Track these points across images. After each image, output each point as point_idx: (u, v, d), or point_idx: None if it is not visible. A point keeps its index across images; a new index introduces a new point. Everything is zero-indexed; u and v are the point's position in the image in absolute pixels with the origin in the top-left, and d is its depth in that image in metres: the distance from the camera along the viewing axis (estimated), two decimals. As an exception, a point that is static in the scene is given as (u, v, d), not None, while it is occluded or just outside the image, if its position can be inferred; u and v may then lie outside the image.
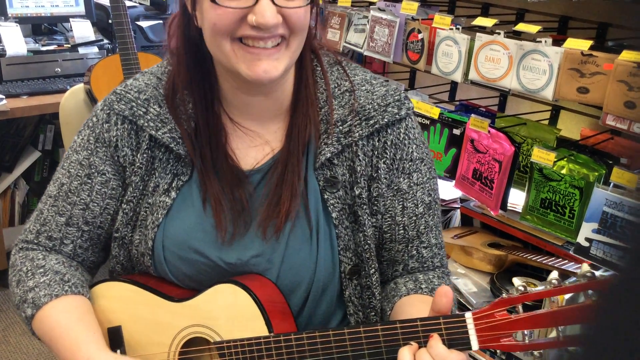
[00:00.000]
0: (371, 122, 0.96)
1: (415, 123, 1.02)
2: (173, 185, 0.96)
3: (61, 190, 1.01)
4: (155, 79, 0.99)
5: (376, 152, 0.97)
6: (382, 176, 0.98)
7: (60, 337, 0.93)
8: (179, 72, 0.96)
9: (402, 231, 1.00)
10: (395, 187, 0.99)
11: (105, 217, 1.01)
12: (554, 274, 0.79)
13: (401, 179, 0.99)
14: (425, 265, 1.03)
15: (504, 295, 0.79)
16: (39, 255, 1.01)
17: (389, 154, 0.98)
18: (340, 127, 0.96)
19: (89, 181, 0.99)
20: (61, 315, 0.95)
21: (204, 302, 0.93)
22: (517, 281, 1.44)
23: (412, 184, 1.00)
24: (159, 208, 0.96)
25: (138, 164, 0.97)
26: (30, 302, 0.96)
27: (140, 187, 0.98)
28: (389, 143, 0.97)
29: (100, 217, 1.01)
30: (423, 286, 0.99)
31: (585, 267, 0.75)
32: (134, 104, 0.96)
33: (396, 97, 0.99)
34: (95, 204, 1.00)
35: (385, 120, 0.96)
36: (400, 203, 1.00)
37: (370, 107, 0.97)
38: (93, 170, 0.99)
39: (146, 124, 0.95)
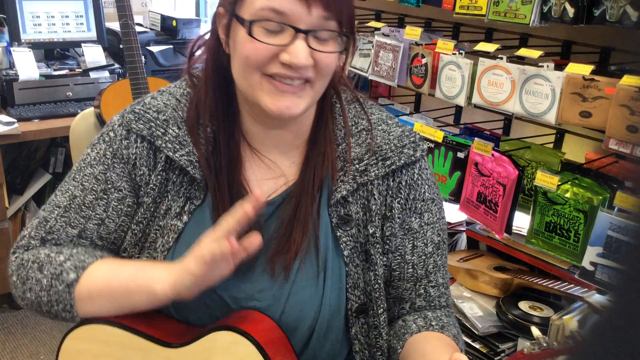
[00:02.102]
0: (388, 162, 0.96)
1: (427, 164, 1.02)
2: (185, 209, 0.95)
3: (73, 203, 0.98)
4: (174, 99, 0.98)
5: (391, 192, 0.98)
6: (396, 215, 0.98)
7: (130, 277, 0.90)
8: (205, 96, 0.96)
9: (411, 270, 1.00)
10: (407, 227, 1.00)
11: (119, 234, 0.99)
12: (573, 323, 0.77)
13: (412, 219, 1.00)
14: (432, 304, 1.03)
15: (525, 350, 0.77)
16: (52, 247, 0.97)
17: (403, 194, 0.98)
18: (357, 166, 0.96)
19: (105, 197, 0.97)
20: (117, 263, 0.93)
21: (202, 350, 0.89)
22: (536, 331, 1.42)
23: (422, 224, 1.00)
24: (169, 231, 0.95)
25: (152, 185, 0.96)
26: (70, 269, 0.91)
27: (152, 209, 0.97)
28: (403, 183, 0.98)
29: (114, 233, 0.99)
30: (433, 323, 0.98)
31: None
32: (152, 124, 0.95)
33: (412, 139, 0.99)
34: (111, 220, 0.98)
35: (402, 161, 0.97)
36: (411, 242, 1.00)
37: (387, 147, 0.97)
38: (110, 186, 0.97)
39: (164, 145, 0.94)
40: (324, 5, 0.84)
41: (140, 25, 3.13)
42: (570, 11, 1.37)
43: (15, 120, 2.41)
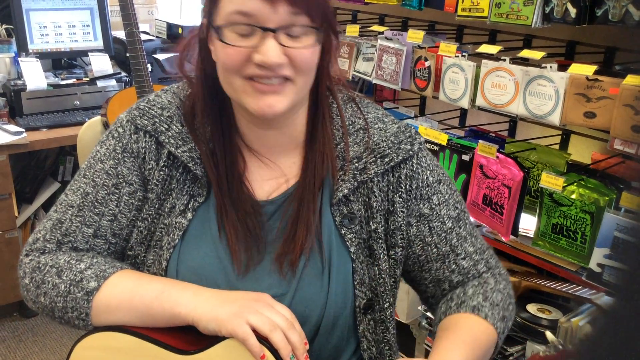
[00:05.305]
0: (386, 159, 0.98)
1: (426, 152, 1.04)
2: (189, 206, 0.96)
3: (86, 200, 0.98)
4: (178, 99, 1.00)
5: (391, 187, 0.99)
6: (399, 209, 0.99)
7: (155, 297, 0.90)
8: (199, 100, 0.98)
9: (435, 249, 1.02)
10: (417, 214, 1.01)
11: (130, 229, 1.00)
12: (587, 326, 0.77)
13: (421, 205, 1.01)
14: (469, 275, 1.04)
15: (541, 353, 0.77)
16: (71, 253, 0.97)
17: (404, 187, 0.99)
18: (356, 164, 0.97)
19: (117, 191, 0.98)
20: (140, 278, 0.93)
21: (216, 357, 0.88)
22: (550, 335, 1.41)
23: (433, 206, 1.02)
24: (175, 229, 0.96)
25: (155, 181, 0.97)
26: (91, 277, 0.92)
27: (156, 206, 0.98)
28: (402, 177, 0.99)
29: (126, 229, 0.99)
30: (452, 304, 0.99)
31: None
32: (157, 119, 0.97)
33: (407, 134, 1.01)
34: (123, 215, 0.99)
35: (400, 157, 0.98)
36: (426, 225, 1.01)
37: (385, 144, 0.99)
38: (121, 180, 0.98)
39: (167, 141, 0.96)
40: (289, 1, 0.84)
41: (147, 33, 3.14)
42: (573, 11, 1.36)
43: (24, 130, 2.43)
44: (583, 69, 1.37)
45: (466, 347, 0.90)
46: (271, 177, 1.00)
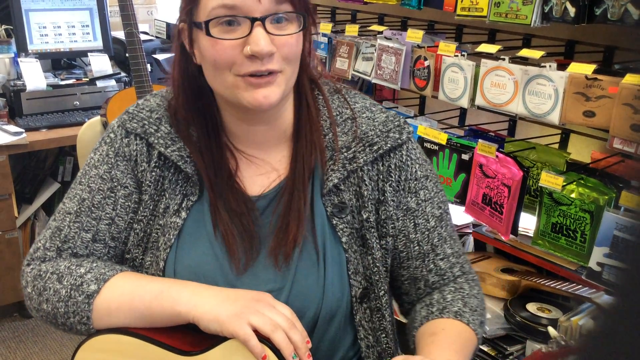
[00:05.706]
0: (375, 147, 0.99)
1: (415, 144, 1.05)
2: (183, 205, 0.97)
3: (82, 206, 0.99)
4: (166, 102, 1.02)
5: (381, 176, 1.00)
6: (389, 198, 1.00)
7: (154, 297, 0.90)
8: (180, 106, 0.99)
9: (417, 247, 1.02)
10: (404, 207, 1.02)
11: (128, 232, 1.01)
12: (590, 322, 0.77)
13: (409, 199, 1.02)
14: (445, 277, 1.04)
15: (543, 349, 0.77)
16: (71, 259, 0.98)
17: (394, 176, 1.00)
18: (345, 154, 0.98)
19: (112, 195, 0.99)
20: (139, 279, 0.93)
21: (220, 357, 0.88)
22: (552, 331, 1.40)
23: (420, 201, 1.02)
24: (170, 229, 0.97)
25: (147, 182, 0.98)
26: (91, 280, 0.93)
27: (150, 207, 0.99)
28: (392, 166, 1.00)
29: (124, 232, 1.00)
30: (434, 309, 1.00)
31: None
32: (145, 122, 0.99)
33: (396, 123, 1.02)
34: (120, 218, 1.00)
35: (389, 145, 0.99)
36: (412, 221, 1.02)
37: (373, 133, 0.99)
38: (115, 184, 0.99)
39: (156, 141, 0.97)
40: None
41: (146, 33, 3.14)
42: (572, 11, 1.36)
43: (23, 130, 2.43)
44: (582, 68, 1.38)
45: (458, 356, 0.91)
46: (261, 172, 1.01)
